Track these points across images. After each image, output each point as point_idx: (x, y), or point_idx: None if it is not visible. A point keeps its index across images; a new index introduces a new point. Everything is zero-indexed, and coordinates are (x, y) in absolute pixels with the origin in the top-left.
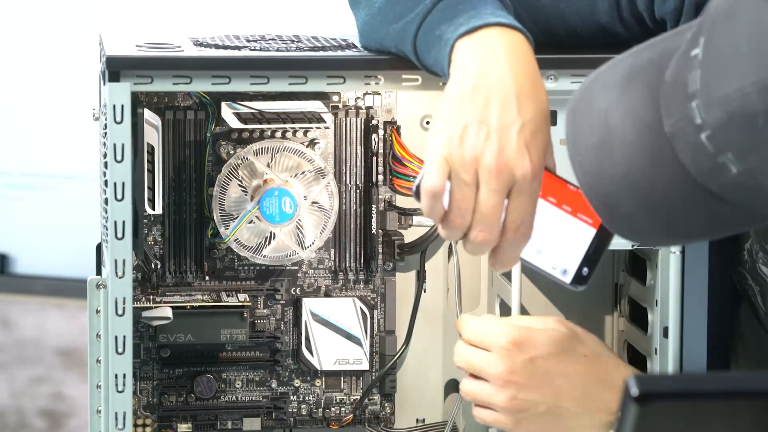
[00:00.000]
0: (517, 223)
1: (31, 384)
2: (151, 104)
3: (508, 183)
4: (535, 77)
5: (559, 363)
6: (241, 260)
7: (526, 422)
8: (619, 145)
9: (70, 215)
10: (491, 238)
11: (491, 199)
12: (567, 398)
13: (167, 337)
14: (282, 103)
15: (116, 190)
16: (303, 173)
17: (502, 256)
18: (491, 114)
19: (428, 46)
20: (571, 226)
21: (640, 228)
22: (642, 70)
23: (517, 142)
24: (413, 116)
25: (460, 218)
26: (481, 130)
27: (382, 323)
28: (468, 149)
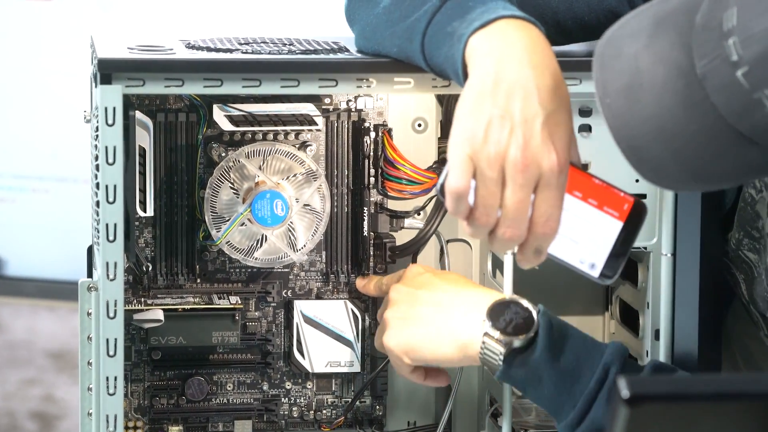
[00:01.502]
0: (545, 218)
1: (22, 386)
2: (143, 107)
3: (534, 177)
4: (555, 69)
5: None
6: (233, 262)
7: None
8: (649, 87)
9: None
10: (519, 233)
11: (518, 195)
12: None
13: (158, 339)
14: (274, 106)
15: (108, 193)
16: (295, 176)
17: (530, 251)
18: (514, 108)
19: (438, 44)
20: (598, 220)
21: (667, 172)
22: (669, 16)
23: (542, 134)
24: (405, 119)
25: (485, 216)
26: (504, 125)
27: (374, 325)
28: (492, 145)
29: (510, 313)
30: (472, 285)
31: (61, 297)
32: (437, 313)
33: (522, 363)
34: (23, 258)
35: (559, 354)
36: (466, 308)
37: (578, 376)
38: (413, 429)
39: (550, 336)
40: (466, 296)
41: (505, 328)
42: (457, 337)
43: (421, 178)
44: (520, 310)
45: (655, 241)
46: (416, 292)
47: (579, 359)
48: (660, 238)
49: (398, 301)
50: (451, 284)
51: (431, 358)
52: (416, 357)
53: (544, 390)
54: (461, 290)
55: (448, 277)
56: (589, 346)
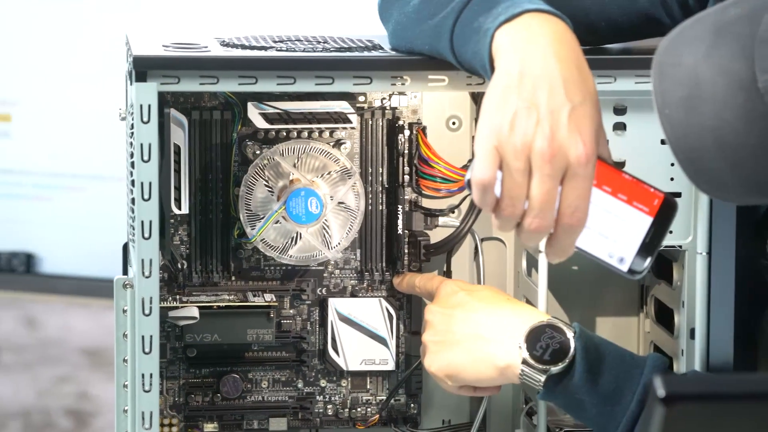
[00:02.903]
0: (573, 208)
1: (57, 383)
2: (178, 104)
3: (561, 167)
4: (581, 62)
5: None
6: (268, 260)
7: (446, 353)
8: (709, 99)
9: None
10: (546, 225)
11: (545, 185)
12: (487, 328)
13: (194, 336)
14: (308, 104)
15: (143, 190)
16: (329, 173)
17: (558, 244)
18: (540, 99)
19: (466, 40)
20: (627, 214)
21: (724, 184)
22: (730, 26)
23: (569, 125)
24: (439, 117)
25: (512, 207)
26: (530, 117)
27: (408, 323)
28: (518, 136)
29: (546, 339)
30: (506, 302)
31: (95, 294)
32: (474, 338)
33: (562, 389)
34: (58, 255)
35: (598, 377)
36: (502, 332)
37: (619, 398)
38: (448, 427)
39: (587, 359)
40: (501, 318)
41: (542, 355)
42: (495, 362)
43: (455, 176)
44: (556, 334)
45: (690, 239)
46: (451, 313)
47: (618, 380)
48: (695, 236)
49: (434, 323)
50: (486, 303)
51: (472, 381)
52: (458, 380)
53: (586, 412)
54: (496, 310)
55: (481, 295)
56: (627, 365)
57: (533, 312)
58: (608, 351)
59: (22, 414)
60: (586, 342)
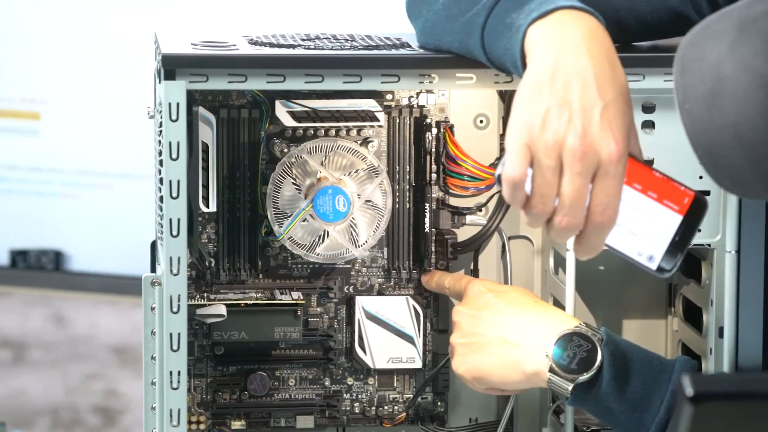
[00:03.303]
0: (603, 207)
1: (85, 380)
2: (206, 102)
3: (592, 165)
4: (614, 59)
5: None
6: (295, 258)
7: (474, 355)
8: (731, 95)
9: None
10: (576, 222)
11: (576, 183)
12: (514, 332)
13: (221, 334)
14: (336, 102)
15: (171, 188)
16: (356, 171)
17: (587, 242)
18: (572, 96)
19: (498, 36)
20: (657, 212)
21: (744, 181)
22: (755, 22)
23: (601, 123)
24: (467, 115)
25: (542, 204)
26: (562, 114)
27: (435, 322)
28: (550, 133)
29: (573, 347)
30: (534, 305)
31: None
32: (502, 342)
33: (590, 396)
34: (86, 253)
35: (626, 384)
36: (530, 338)
37: (647, 405)
38: (474, 426)
39: (614, 367)
40: (529, 322)
41: (569, 364)
42: (522, 368)
43: (483, 174)
44: (583, 342)
45: (719, 237)
46: (479, 314)
47: (646, 386)
48: (724, 234)
49: (461, 325)
50: (514, 306)
51: (499, 384)
52: (485, 383)
53: (615, 419)
54: (524, 314)
55: (510, 297)
56: (655, 371)
57: (562, 316)
58: (636, 357)
59: (50, 411)
60: (614, 349)
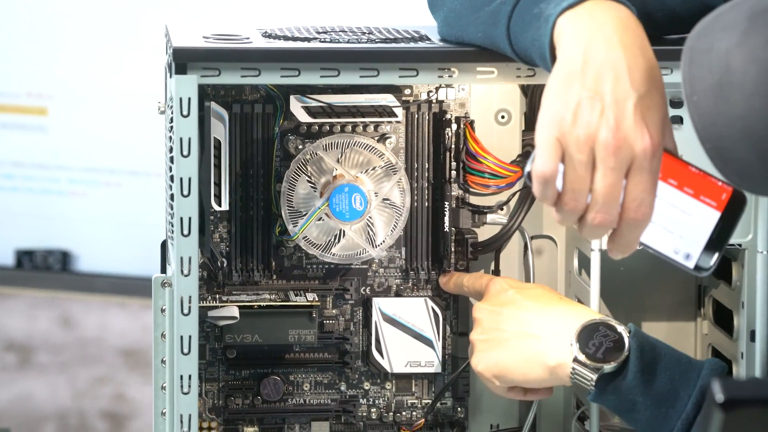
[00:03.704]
0: (637, 203)
1: (93, 385)
2: (218, 97)
3: (626, 160)
4: (647, 50)
5: (526, 297)
6: (310, 258)
7: (494, 351)
8: (739, 87)
9: (134, 212)
10: (610, 219)
11: (609, 178)
12: (536, 326)
13: (233, 337)
14: (352, 97)
15: (182, 186)
16: (374, 169)
17: (622, 240)
18: (604, 89)
19: (525, 26)
20: (694, 209)
21: (751, 174)
22: (766, 12)
23: (634, 116)
24: (487, 110)
25: (574, 201)
26: (594, 107)
27: (455, 324)
28: (582, 127)
29: (599, 336)
30: (558, 301)
31: (133, 293)
32: (523, 336)
33: (615, 388)
34: (94, 253)
35: (653, 377)
36: (553, 330)
37: (674, 400)
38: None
39: (642, 359)
40: (552, 316)
41: (595, 353)
42: (545, 361)
43: (504, 171)
44: (609, 332)
45: (751, 237)
46: (500, 310)
47: (674, 381)
48: (756, 234)
49: (482, 321)
50: (536, 302)
51: (521, 381)
52: (506, 380)
53: (638, 414)
54: (546, 309)
55: (532, 293)
56: (684, 367)
57: (586, 311)
58: (664, 352)
59: (57, 416)
60: (641, 341)
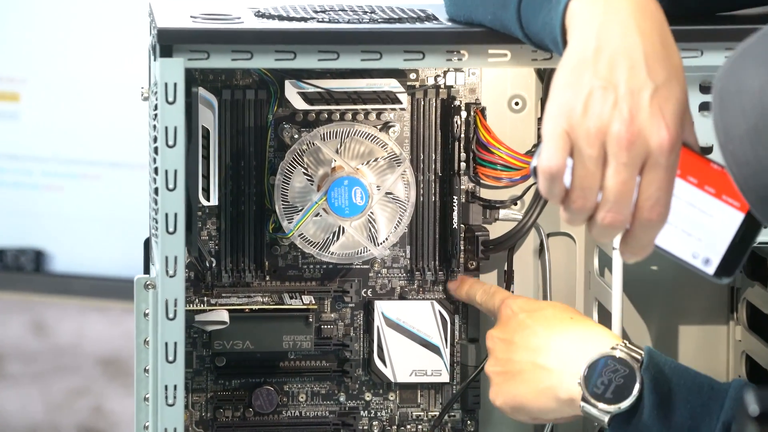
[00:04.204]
0: (652, 202)
1: (69, 396)
2: (207, 82)
3: (641, 155)
4: (666, 36)
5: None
6: (306, 258)
7: (509, 384)
8: None
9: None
10: (621, 219)
11: (621, 175)
12: (547, 356)
13: (223, 344)
14: (353, 82)
15: (167, 179)
16: (376, 160)
17: (635, 242)
18: (618, 78)
19: (536, 9)
20: (715, 209)
21: None
22: None
23: (650, 107)
24: (500, 97)
25: (583, 199)
26: (607, 97)
27: (464, 330)
28: (593, 119)
29: (608, 373)
30: (569, 324)
31: (113, 296)
32: (534, 368)
33: (630, 428)
34: (71, 253)
35: (671, 412)
36: (563, 360)
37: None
38: None
39: (657, 393)
40: (562, 344)
41: (604, 393)
42: (558, 395)
43: (518, 163)
44: (619, 367)
45: None
46: (511, 339)
47: (695, 416)
48: None
49: (494, 351)
50: (547, 326)
51: (539, 414)
52: (525, 414)
53: None
54: (557, 335)
55: (543, 315)
56: (705, 397)
57: (600, 335)
58: (683, 381)
59: (29, 431)
60: (656, 373)
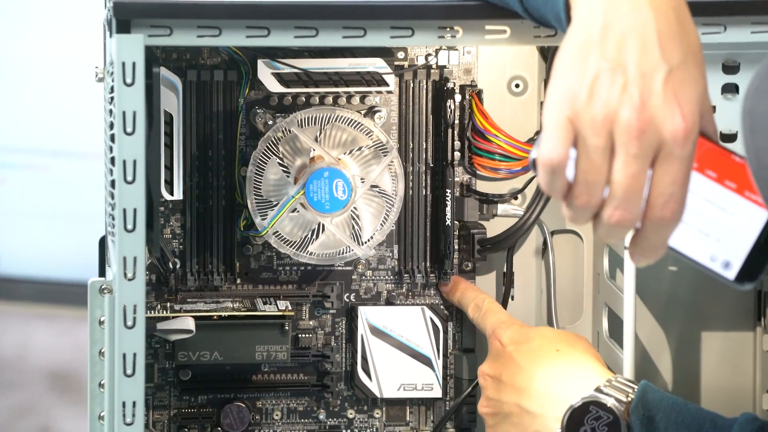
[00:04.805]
0: (665, 198)
1: (13, 415)
2: (169, 62)
3: (652, 146)
4: (682, 10)
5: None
6: (282, 259)
7: (501, 427)
8: None
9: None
10: (631, 218)
11: (631, 168)
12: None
13: (188, 355)
14: (334, 61)
15: (125, 170)
16: (360, 150)
17: (646, 243)
18: (627, 59)
19: None
20: (737, 206)
21: None
22: None
23: (664, 92)
24: (499, 78)
25: (588, 195)
26: (615, 80)
27: (458, 339)
28: (599, 105)
29: (590, 420)
30: (554, 358)
31: (63, 302)
32: (521, 412)
33: None
34: (17, 253)
35: None
36: (545, 406)
37: None
38: None
39: None
40: (547, 384)
41: None
42: None
43: (518, 152)
44: (603, 413)
45: None
46: (499, 376)
47: None
48: None
49: (485, 390)
50: (533, 362)
51: None
52: None
53: None
54: (541, 374)
55: (528, 348)
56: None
57: (587, 371)
58: (681, 419)
59: None
60: (645, 414)
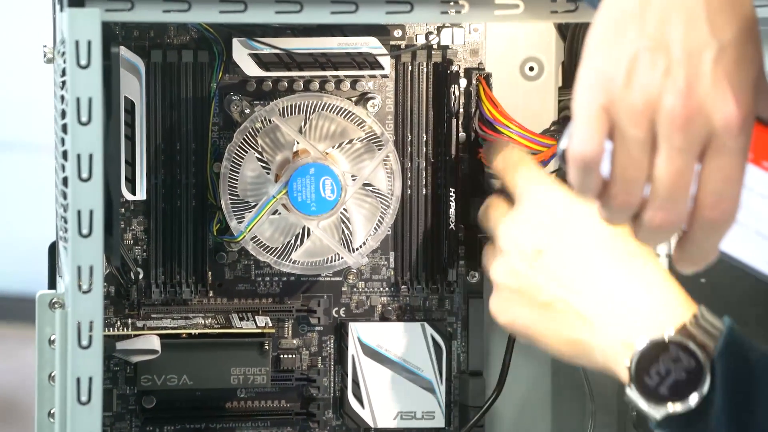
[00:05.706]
0: (716, 197)
1: None
2: (130, 41)
3: (701, 137)
4: None
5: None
6: (261, 268)
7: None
8: None
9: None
10: (676, 220)
11: (676, 163)
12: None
13: (152, 379)
14: (321, 41)
15: (80, 166)
16: (350, 143)
17: (694, 248)
18: (671, 37)
19: None
20: None
21: None
22: None
23: (713, 75)
24: (510, 61)
25: (626, 193)
26: (657, 62)
27: (464, 359)
28: (638, 91)
29: (668, 361)
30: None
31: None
32: (568, 309)
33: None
34: None
35: (753, 417)
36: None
37: None
38: None
39: (734, 391)
40: (616, 290)
41: (657, 387)
42: (593, 357)
43: (532, 145)
44: (683, 356)
45: None
46: (540, 252)
47: None
48: None
49: (511, 255)
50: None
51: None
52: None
53: None
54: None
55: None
56: None
57: (669, 294)
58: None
59: None
60: (736, 363)
